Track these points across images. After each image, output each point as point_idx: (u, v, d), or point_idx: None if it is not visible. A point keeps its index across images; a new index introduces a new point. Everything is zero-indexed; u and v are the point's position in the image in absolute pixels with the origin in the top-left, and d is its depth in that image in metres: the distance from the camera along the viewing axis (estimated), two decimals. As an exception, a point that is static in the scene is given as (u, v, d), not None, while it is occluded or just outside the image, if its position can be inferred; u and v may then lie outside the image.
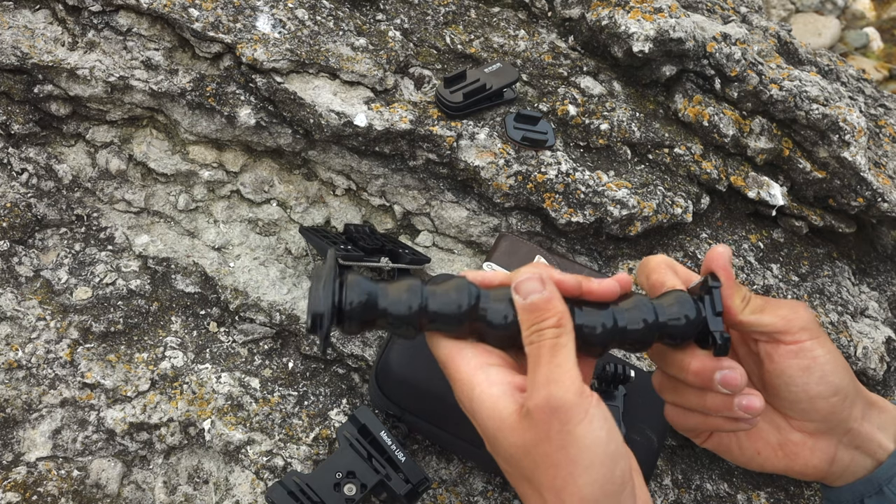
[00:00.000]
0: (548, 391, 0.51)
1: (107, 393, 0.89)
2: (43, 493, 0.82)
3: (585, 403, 0.51)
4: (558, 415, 0.50)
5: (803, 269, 1.14)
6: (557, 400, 0.50)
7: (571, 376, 0.52)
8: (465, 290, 0.56)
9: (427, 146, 1.03)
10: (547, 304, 0.54)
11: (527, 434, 0.52)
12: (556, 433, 0.50)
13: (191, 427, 0.88)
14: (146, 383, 0.90)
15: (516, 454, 0.53)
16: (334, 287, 0.53)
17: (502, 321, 0.55)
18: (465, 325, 0.56)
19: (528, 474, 0.53)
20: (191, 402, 0.89)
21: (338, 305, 0.53)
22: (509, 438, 0.53)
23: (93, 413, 0.88)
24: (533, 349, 0.53)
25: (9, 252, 0.96)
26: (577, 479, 0.50)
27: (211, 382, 0.91)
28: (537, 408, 0.51)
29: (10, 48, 1.01)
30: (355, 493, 0.80)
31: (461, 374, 0.55)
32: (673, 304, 0.56)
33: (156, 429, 0.88)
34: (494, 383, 0.54)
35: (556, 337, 0.53)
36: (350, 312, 0.54)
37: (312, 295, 0.53)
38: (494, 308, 0.56)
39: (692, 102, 1.12)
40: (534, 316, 0.54)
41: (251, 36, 1.03)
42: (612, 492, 0.51)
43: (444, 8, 1.19)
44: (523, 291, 0.55)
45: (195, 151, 1.06)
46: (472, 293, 0.56)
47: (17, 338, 0.91)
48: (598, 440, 0.51)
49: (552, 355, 0.52)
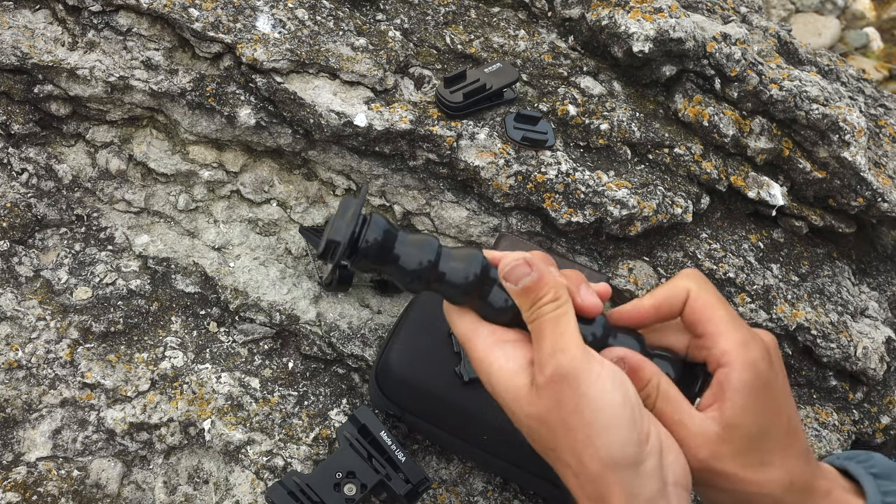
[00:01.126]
0: (555, 360, 0.51)
1: (107, 393, 0.89)
2: (43, 493, 0.82)
3: (596, 367, 0.51)
4: (568, 380, 0.51)
5: (803, 269, 1.14)
6: (565, 367, 0.51)
7: (576, 343, 0.52)
8: (477, 262, 0.56)
9: (427, 146, 1.03)
10: (539, 284, 0.54)
11: (541, 404, 0.52)
12: (569, 398, 0.51)
13: (191, 427, 0.88)
14: (146, 383, 0.90)
15: (534, 425, 0.53)
16: (357, 221, 0.54)
17: (503, 304, 0.56)
18: (469, 298, 0.57)
19: (550, 444, 0.53)
20: (191, 402, 0.89)
21: (355, 238, 0.54)
22: (525, 410, 0.53)
23: (93, 413, 0.88)
24: (535, 326, 0.54)
25: (9, 252, 0.96)
26: (595, 440, 0.50)
27: (211, 382, 0.91)
28: (548, 379, 0.51)
29: (10, 48, 1.01)
30: (355, 493, 0.80)
31: (478, 352, 0.56)
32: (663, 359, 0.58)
33: (156, 429, 0.88)
34: (510, 358, 0.55)
35: (556, 309, 0.54)
36: (365, 249, 0.55)
37: (334, 223, 0.54)
38: (497, 291, 0.56)
39: (692, 102, 1.12)
40: (529, 298, 0.54)
41: (251, 36, 1.03)
42: (633, 454, 0.50)
43: (444, 8, 1.19)
44: (513, 278, 0.55)
45: (195, 151, 1.07)
46: (483, 266, 0.56)
47: (17, 338, 0.91)
48: (613, 401, 0.51)
49: (554, 326, 0.53)
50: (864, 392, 1.08)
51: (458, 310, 0.58)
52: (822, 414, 1.05)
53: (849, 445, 1.04)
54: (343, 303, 1.00)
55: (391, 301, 1.02)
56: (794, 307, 1.07)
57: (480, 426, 0.85)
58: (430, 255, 0.56)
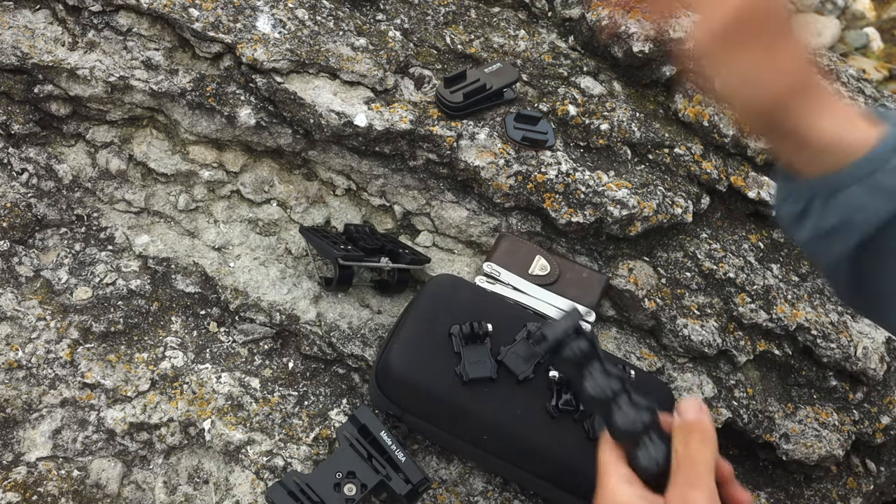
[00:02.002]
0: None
1: (107, 393, 0.89)
2: (43, 493, 0.82)
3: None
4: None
5: (803, 269, 1.14)
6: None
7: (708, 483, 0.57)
8: (647, 413, 0.61)
9: (427, 146, 1.03)
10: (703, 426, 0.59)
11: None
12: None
13: (191, 427, 0.88)
14: (146, 383, 0.90)
15: None
16: (570, 331, 0.63)
17: (650, 462, 0.59)
18: (625, 443, 0.61)
19: None
20: (191, 402, 0.89)
21: (561, 341, 0.63)
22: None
23: (93, 413, 0.88)
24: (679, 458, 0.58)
25: (9, 252, 0.96)
26: None
27: (211, 382, 0.91)
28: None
29: (10, 48, 1.01)
30: (355, 493, 0.80)
31: (611, 483, 0.59)
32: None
33: (156, 429, 0.88)
34: (634, 495, 0.58)
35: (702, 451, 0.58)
36: (564, 357, 0.63)
37: (556, 323, 0.63)
38: (649, 447, 0.60)
39: (692, 102, 1.12)
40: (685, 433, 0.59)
41: (251, 36, 1.03)
42: None
43: (444, 8, 1.19)
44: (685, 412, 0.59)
45: (195, 151, 1.07)
46: (651, 421, 0.60)
47: (17, 338, 0.91)
48: None
49: (692, 466, 0.57)
50: (865, 392, 1.08)
51: (612, 442, 0.61)
52: (823, 414, 1.05)
53: (849, 446, 1.04)
54: (343, 303, 1.00)
55: (391, 301, 1.02)
56: (794, 307, 1.07)
57: (480, 426, 0.85)
58: (612, 388, 0.61)
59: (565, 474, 0.85)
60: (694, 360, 1.05)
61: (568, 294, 1.00)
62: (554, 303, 0.99)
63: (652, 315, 1.03)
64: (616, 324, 1.06)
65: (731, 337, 1.05)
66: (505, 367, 0.87)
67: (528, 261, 1.02)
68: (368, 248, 0.97)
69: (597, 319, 1.02)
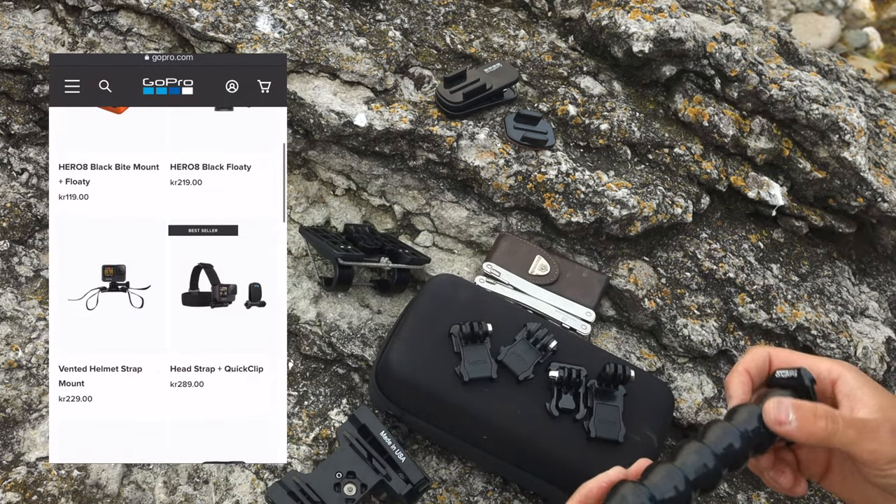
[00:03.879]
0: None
1: (107, 393, 0.89)
2: (43, 493, 0.82)
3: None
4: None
5: (803, 269, 1.14)
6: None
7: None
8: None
9: (427, 146, 1.03)
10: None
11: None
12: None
13: (191, 427, 0.88)
14: (146, 383, 0.90)
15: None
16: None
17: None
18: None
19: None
20: (191, 402, 0.89)
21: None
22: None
23: (93, 413, 0.88)
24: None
25: (9, 252, 0.96)
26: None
27: (211, 382, 0.91)
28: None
29: (10, 48, 1.01)
30: (355, 493, 0.80)
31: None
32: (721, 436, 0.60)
33: (156, 429, 0.88)
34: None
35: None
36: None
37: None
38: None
39: (692, 102, 1.12)
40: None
41: (251, 36, 1.03)
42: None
43: (444, 8, 1.19)
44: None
45: (195, 151, 1.06)
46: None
47: (17, 338, 0.91)
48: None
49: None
50: (864, 392, 1.08)
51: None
52: (822, 414, 1.05)
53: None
54: (343, 303, 1.00)
55: (391, 301, 1.02)
56: (794, 307, 1.07)
57: (480, 426, 0.85)
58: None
59: (565, 474, 0.85)
60: (694, 360, 1.05)
61: (568, 294, 1.00)
62: (554, 303, 0.99)
63: (652, 315, 1.03)
64: (616, 324, 1.06)
65: (731, 337, 1.05)
66: (505, 367, 0.87)
67: (528, 261, 1.02)
68: (368, 248, 0.97)
69: (597, 319, 1.02)
